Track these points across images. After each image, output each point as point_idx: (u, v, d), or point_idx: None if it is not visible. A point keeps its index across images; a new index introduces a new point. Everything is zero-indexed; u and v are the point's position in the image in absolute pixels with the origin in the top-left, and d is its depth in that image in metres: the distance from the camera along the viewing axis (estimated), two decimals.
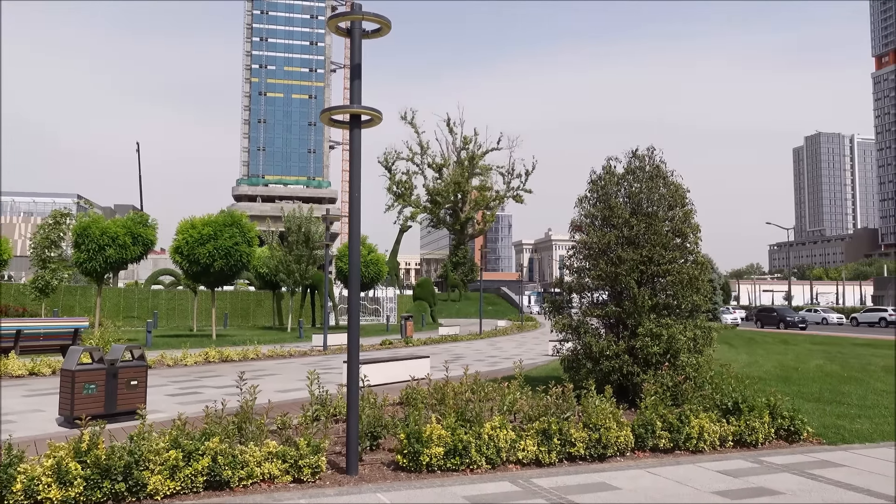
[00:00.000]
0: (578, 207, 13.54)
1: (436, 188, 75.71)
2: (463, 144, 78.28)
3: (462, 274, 76.34)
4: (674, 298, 12.35)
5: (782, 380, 16.42)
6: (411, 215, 76.33)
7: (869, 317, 58.60)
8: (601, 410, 8.61)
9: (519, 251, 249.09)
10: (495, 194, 78.50)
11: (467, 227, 78.91)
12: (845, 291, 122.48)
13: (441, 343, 29.07)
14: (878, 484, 7.36)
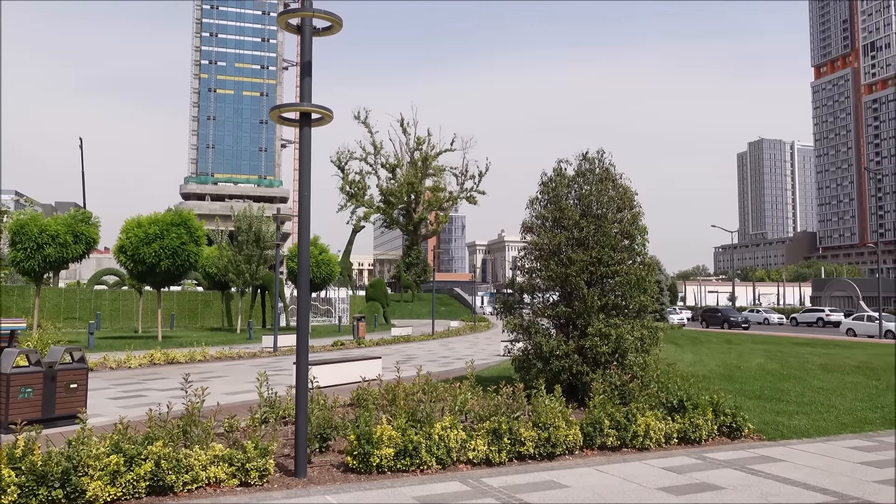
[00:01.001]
0: (530, 209, 13.68)
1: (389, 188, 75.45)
2: (416, 145, 78.23)
3: (415, 275, 76.26)
4: (622, 299, 12.59)
5: (725, 378, 16.89)
6: (364, 216, 75.89)
7: (807, 317, 60.79)
8: (551, 410, 8.70)
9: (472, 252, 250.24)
10: (449, 195, 78.65)
11: (421, 227, 78.88)
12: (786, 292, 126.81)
13: (394, 344, 28.98)
14: (814, 478, 7.63)
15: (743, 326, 50.40)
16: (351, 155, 76.37)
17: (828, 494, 7.00)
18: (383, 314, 46.69)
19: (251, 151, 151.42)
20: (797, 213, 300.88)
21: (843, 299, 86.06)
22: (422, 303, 69.23)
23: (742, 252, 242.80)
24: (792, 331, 49.77)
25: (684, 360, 21.91)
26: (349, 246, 68.26)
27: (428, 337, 32.89)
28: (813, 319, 59.50)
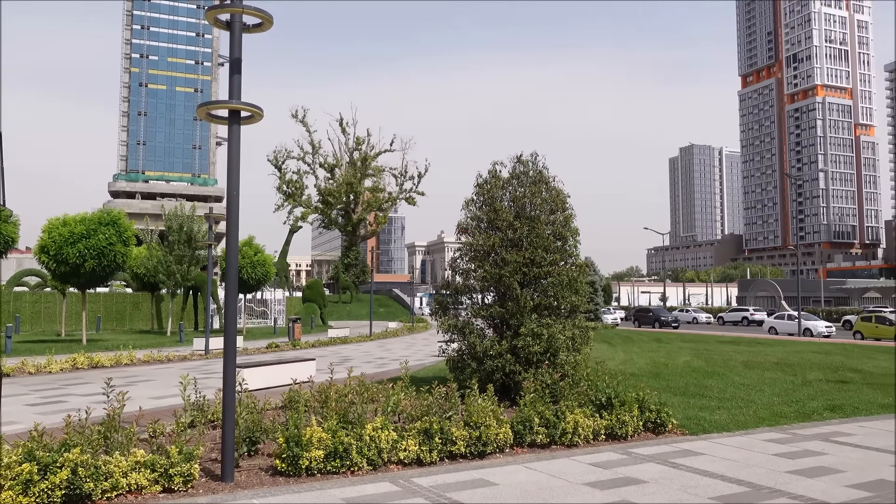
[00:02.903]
0: (465, 210, 13.80)
1: (327, 188, 74.61)
2: (356, 145, 77.65)
3: (354, 275, 75.66)
4: (554, 299, 12.82)
5: (653, 375, 17.43)
6: (302, 216, 74.81)
7: (733, 316, 63.26)
8: (482, 409, 8.80)
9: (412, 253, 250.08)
10: (388, 196, 78.36)
11: (359, 228, 78.34)
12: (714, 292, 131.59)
13: (330, 345, 28.69)
14: (732, 470, 7.96)
15: (673, 325, 52.04)
16: (288, 154, 75.19)
17: (743, 485, 7.31)
18: (320, 316, 46.15)
19: (184, 149, 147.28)
20: (725, 216, 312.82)
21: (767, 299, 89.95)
22: (360, 304, 68.76)
23: (673, 254, 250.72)
24: (718, 329, 51.69)
25: (616, 358, 22.49)
26: (286, 246, 67.18)
27: (365, 338, 32.70)
28: (738, 318, 61.94)
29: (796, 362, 21.74)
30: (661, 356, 23.75)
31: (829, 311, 68.08)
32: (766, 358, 23.26)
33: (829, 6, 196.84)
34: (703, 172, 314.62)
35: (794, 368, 19.79)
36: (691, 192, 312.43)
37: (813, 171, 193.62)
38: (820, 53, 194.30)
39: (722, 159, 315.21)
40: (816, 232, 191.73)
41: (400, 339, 34.24)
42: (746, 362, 21.60)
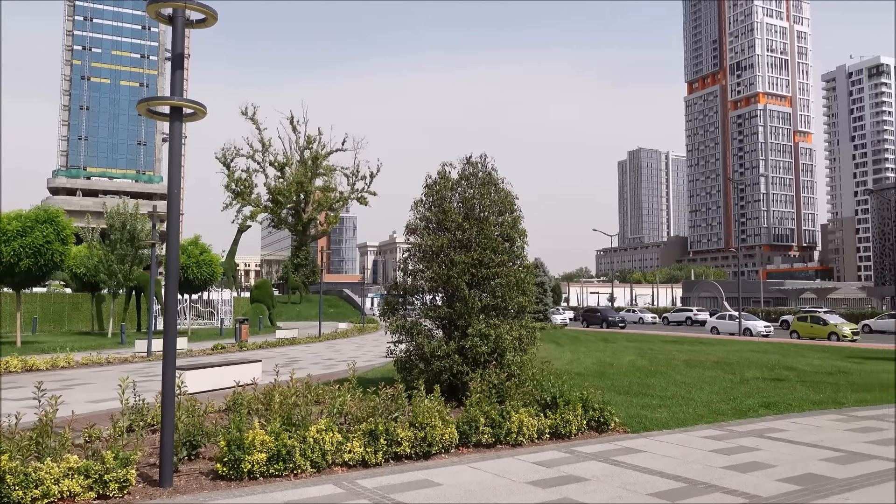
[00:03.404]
0: (414, 211, 13.81)
1: (277, 187, 73.52)
2: (307, 143, 76.72)
3: (304, 276, 74.77)
4: (502, 300, 12.94)
5: (599, 375, 17.74)
6: (251, 215, 73.51)
7: (677, 316, 64.91)
8: (429, 410, 8.82)
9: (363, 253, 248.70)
10: (339, 195, 77.65)
11: (310, 227, 77.43)
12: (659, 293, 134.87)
13: (278, 347, 28.31)
14: (670, 466, 8.18)
15: (620, 326, 53.08)
16: (237, 152, 73.77)
17: (680, 481, 7.52)
18: (269, 316, 45.47)
19: (129, 145, 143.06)
20: (671, 218, 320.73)
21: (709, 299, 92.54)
22: (310, 304, 68.01)
23: (621, 255, 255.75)
24: (663, 329, 52.95)
25: (563, 358, 22.82)
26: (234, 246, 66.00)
27: (314, 339, 32.37)
28: (682, 318, 63.57)
29: (735, 361, 22.43)
30: (607, 356, 24.19)
31: (769, 311, 70.48)
32: (707, 357, 23.93)
33: (770, 17, 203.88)
34: (651, 176, 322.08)
35: (733, 367, 20.41)
36: (639, 194, 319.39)
37: (754, 175, 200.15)
38: (762, 62, 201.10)
39: (668, 163, 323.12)
40: (757, 235, 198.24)
41: (350, 340, 34.01)
42: (688, 361, 22.18)
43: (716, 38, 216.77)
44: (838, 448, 9.29)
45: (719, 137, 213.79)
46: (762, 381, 17.04)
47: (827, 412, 12.44)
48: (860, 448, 9.31)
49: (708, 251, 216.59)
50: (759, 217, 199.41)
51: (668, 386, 15.72)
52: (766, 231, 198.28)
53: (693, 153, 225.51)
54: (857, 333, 39.45)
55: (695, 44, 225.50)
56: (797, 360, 23.07)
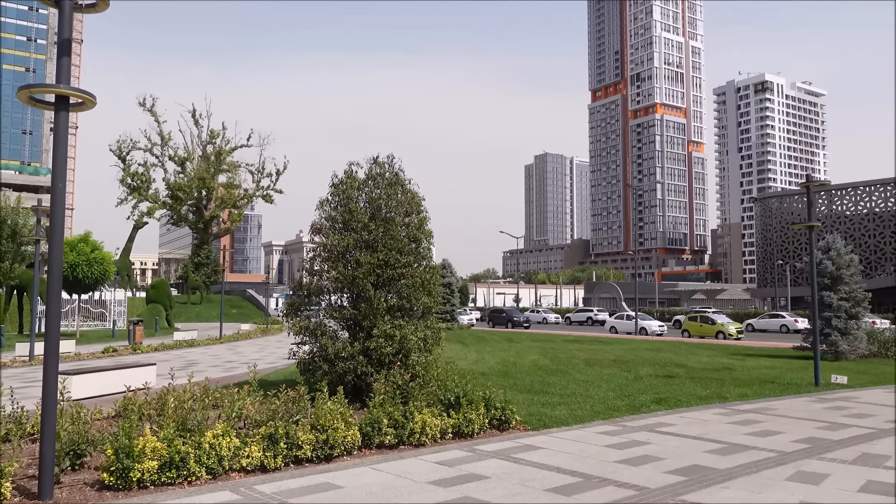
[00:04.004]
0: (320, 210, 13.62)
1: (177, 183, 70.54)
2: (210, 138, 74.06)
3: (205, 275, 72.07)
4: (408, 301, 12.95)
5: (502, 374, 18.09)
6: (148, 211, 70.18)
7: (579, 316, 67.13)
8: (331, 412, 8.71)
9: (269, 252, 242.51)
10: (243, 193, 75.43)
11: (212, 225, 74.76)
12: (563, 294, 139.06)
13: (175, 349, 27.16)
14: (567, 462, 8.44)
15: (524, 326, 54.31)
16: (134, 144, 70.26)
17: (576, 476, 7.78)
18: (166, 317, 43.55)
19: (12, 133, 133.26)
20: (575, 222, 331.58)
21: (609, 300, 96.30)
22: (211, 305, 65.66)
23: (527, 257, 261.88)
24: (565, 329, 54.62)
25: (468, 358, 23.11)
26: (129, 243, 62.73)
27: (215, 341, 31.29)
28: (583, 318, 65.78)
29: (631, 359, 23.44)
30: (511, 355, 24.70)
31: (663, 311, 74.05)
32: (606, 356, 24.89)
33: (668, 32, 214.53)
34: (556, 180, 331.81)
35: (629, 365, 21.33)
36: (544, 198, 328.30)
37: (652, 182, 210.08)
38: (659, 74, 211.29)
39: (573, 168, 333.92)
40: (654, 238, 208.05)
41: (252, 341, 33.09)
42: (588, 360, 22.99)
43: (618, 49, 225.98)
44: (721, 440, 9.88)
45: (620, 145, 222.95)
46: (655, 378, 17.88)
47: (712, 406, 13.20)
48: (740, 440, 9.94)
49: (608, 253, 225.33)
50: (655, 222, 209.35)
51: (568, 384, 16.22)
52: (661, 235, 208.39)
53: (596, 159, 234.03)
54: (742, 332, 42.11)
55: (598, 54, 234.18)
56: (687, 358, 24.37)
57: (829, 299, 23.96)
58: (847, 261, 24.59)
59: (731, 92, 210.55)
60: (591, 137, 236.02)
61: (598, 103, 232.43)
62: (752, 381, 17.44)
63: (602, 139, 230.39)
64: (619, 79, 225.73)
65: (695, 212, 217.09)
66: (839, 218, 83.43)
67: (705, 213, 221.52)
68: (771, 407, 13.26)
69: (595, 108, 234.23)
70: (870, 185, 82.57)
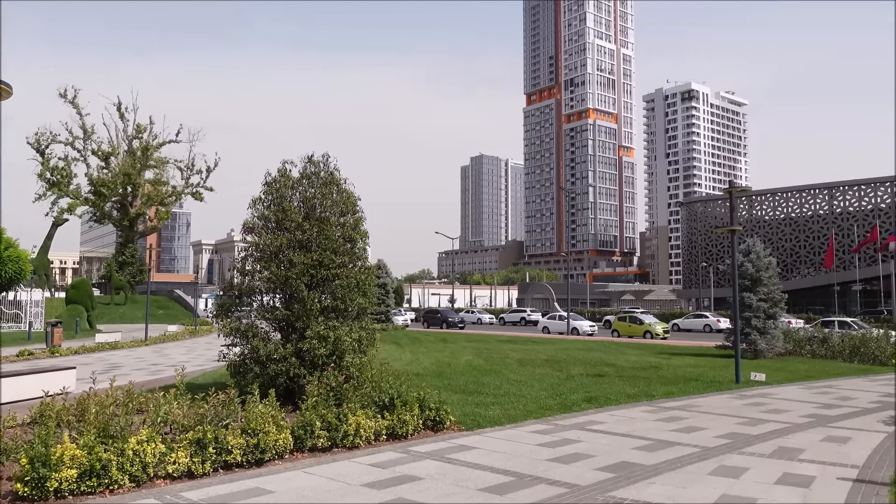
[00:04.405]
0: (252, 209, 13.33)
1: (101, 178, 67.59)
2: (136, 133, 71.30)
3: (129, 275, 69.33)
4: (342, 301, 12.81)
5: (437, 375, 18.13)
6: (69, 207, 66.96)
7: (513, 317, 67.94)
8: (263, 415, 8.53)
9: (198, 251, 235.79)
10: (172, 190, 72.99)
11: (137, 223, 72.00)
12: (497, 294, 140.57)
13: (97, 352, 26.04)
14: (500, 461, 8.53)
15: (459, 326, 54.59)
16: (54, 137, 66.99)
17: (509, 475, 7.87)
18: (87, 319, 41.69)
19: None
20: (509, 223, 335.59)
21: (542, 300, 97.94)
22: (136, 306, 63.28)
23: (462, 257, 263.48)
24: (499, 329, 55.21)
25: (403, 359, 23.07)
26: (48, 241, 59.79)
27: (140, 343, 30.19)
28: (517, 319, 66.62)
29: (563, 359, 23.90)
30: (446, 356, 24.79)
31: (594, 311, 75.78)
32: (538, 355, 25.28)
33: (601, 38, 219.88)
34: (491, 181, 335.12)
35: (561, 364, 21.73)
36: (480, 199, 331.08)
37: (584, 185, 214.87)
38: (592, 80, 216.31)
39: (508, 170, 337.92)
40: (585, 240, 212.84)
41: (180, 343, 32.08)
42: (521, 360, 23.30)
43: (552, 54, 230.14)
44: (648, 437, 10.18)
45: (554, 148, 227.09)
46: (586, 377, 18.28)
47: (640, 404, 13.60)
48: (666, 436, 10.27)
49: (542, 255, 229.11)
50: (587, 224, 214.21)
51: (502, 384, 16.39)
52: (593, 237, 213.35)
53: (530, 162, 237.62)
54: (668, 332, 43.56)
55: (533, 59, 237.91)
56: (617, 357, 25.02)
57: (749, 300, 25.05)
58: (766, 263, 25.77)
59: (659, 99, 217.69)
60: (525, 140, 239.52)
61: (533, 107, 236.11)
62: (677, 379, 18.05)
63: (536, 142, 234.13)
64: (553, 83, 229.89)
65: (625, 215, 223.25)
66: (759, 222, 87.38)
67: (635, 217, 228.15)
68: (695, 404, 13.76)
69: (530, 111, 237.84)
70: (787, 192, 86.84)
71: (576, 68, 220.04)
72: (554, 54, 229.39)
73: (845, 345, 25.34)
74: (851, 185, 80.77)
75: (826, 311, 66.97)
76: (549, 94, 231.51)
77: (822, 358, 25.21)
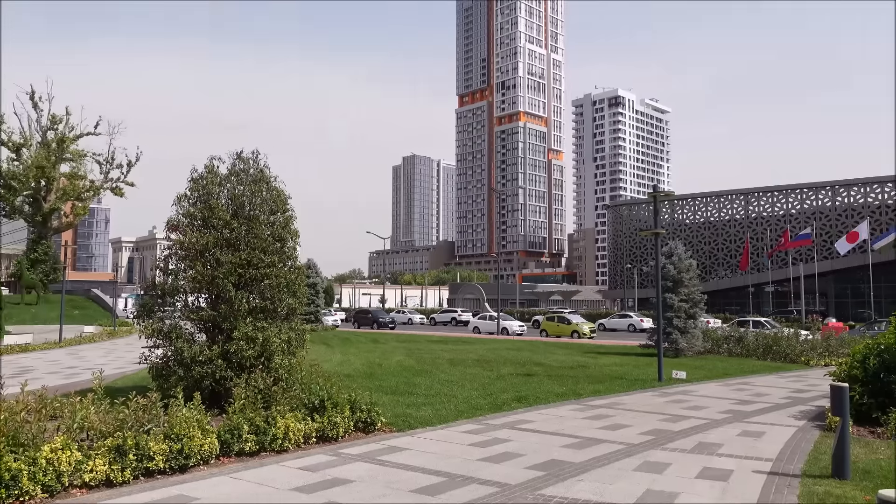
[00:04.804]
0: (177, 206, 12.88)
1: (11, 171, 63.89)
2: (51, 124, 67.82)
3: (42, 273, 65.88)
4: (271, 302, 12.55)
5: (368, 376, 18.00)
6: None
7: (443, 317, 68.23)
8: (187, 419, 8.26)
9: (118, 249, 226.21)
10: (90, 184, 69.75)
11: (52, 219, 68.41)
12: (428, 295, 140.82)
13: (6, 354, 24.58)
14: (432, 462, 8.53)
15: (390, 326, 54.40)
16: None
17: (441, 475, 7.88)
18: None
19: None
20: (441, 223, 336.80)
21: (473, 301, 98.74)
22: (50, 306, 60.16)
23: (394, 257, 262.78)
24: (430, 330, 55.32)
25: (333, 360, 22.80)
26: None
27: (53, 345, 28.72)
28: (448, 319, 66.94)
29: (493, 359, 24.15)
30: (377, 356, 24.65)
31: (523, 311, 76.95)
32: (469, 355, 25.47)
33: (532, 43, 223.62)
34: (423, 182, 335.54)
35: (492, 364, 21.96)
36: (412, 199, 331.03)
37: (514, 187, 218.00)
38: (523, 84, 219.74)
39: (440, 170, 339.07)
40: (515, 242, 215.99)
41: (98, 345, 30.71)
42: (452, 360, 23.41)
43: (484, 57, 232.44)
44: (576, 435, 10.40)
45: (485, 150, 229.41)
46: (516, 376, 18.53)
47: (568, 403, 13.88)
48: (594, 434, 10.52)
49: (473, 255, 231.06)
50: (517, 225, 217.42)
51: (433, 384, 16.42)
52: (522, 238, 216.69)
53: (462, 163, 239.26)
54: (595, 331, 44.69)
55: (466, 61, 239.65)
56: (545, 357, 25.48)
57: (671, 301, 25.98)
58: (687, 266, 26.80)
59: (588, 105, 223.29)
60: (457, 141, 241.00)
61: (466, 108, 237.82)
62: (603, 377, 18.53)
63: (468, 143, 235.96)
64: (485, 85, 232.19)
65: (554, 217, 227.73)
66: (680, 226, 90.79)
67: (563, 219, 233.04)
68: (621, 402, 14.15)
69: (462, 112, 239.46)
70: (706, 197, 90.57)
71: (507, 71, 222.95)
72: (486, 57, 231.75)
73: (759, 343, 26.64)
74: (765, 191, 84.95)
75: (741, 311, 70.24)
76: (482, 95, 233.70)
77: (738, 356, 26.41)
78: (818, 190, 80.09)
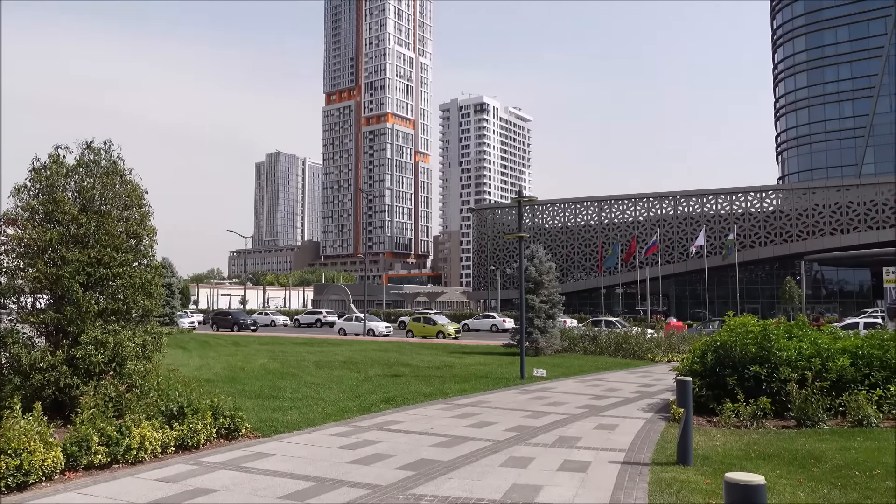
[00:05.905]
0: (15, 198, 11.71)
1: None
2: None
3: None
4: (125, 303, 11.73)
5: (230, 380, 17.29)
6: None
7: (308, 318, 66.88)
8: (26, 432, 7.53)
9: None
10: None
11: None
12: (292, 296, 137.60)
13: None
14: (300, 467, 8.34)
15: (252, 328, 52.58)
16: None
17: (310, 480, 7.73)
18: None
19: None
20: (305, 223, 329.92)
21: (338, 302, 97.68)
22: None
23: (256, 257, 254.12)
24: (295, 331, 54.06)
25: (191, 364, 21.69)
26: None
27: None
28: (313, 321, 65.69)
29: (360, 360, 24.02)
30: (239, 360, 23.74)
31: (389, 312, 77.21)
32: (336, 357, 25.16)
33: (400, 46, 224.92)
34: (287, 180, 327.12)
35: (359, 366, 21.83)
36: (275, 197, 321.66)
37: (382, 188, 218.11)
38: (392, 86, 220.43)
39: (305, 169, 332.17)
40: (382, 243, 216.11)
41: None
42: (318, 362, 23.02)
43: (353, 56, 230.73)
44: (445, 434, 10.58)
45: (353, 150, 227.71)
46: (383, 377, 18.55)
47: (436, 402, 14.09)
48: (461, 432, 10.75)
49: (339, 256, 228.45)
50: (384, 226, 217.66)
51: (299, 387, 16.07)
52: (389, 239, 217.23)
53: (328, 162, 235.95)
54: (459, 332, 45.66)
55: (334, 59, 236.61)
56: (412, 357, 25.70)
57: (532, 301, 27.10)
58: (547, 268, 28.07)
59: (454, 109, 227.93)
60: (324, 140, 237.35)
61: (333, 107, 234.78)
62: (469, 377, 18.98)
63: (335, 143, 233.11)
64: (353, 85, 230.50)
65: (420, 218, 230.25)
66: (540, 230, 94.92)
67: (429, 220, 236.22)
68: (486, 400, 14.57)
69: (329, 111, 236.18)
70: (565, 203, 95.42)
71: (376, 72, 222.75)
72: (355, 56, 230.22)
73: (611, 342, 28.45)
74: (616, 199, 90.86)
75: (595, 311, 74.66)
76: (350, 95, 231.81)
77: (593, 354, 28.04)
78: (662, 199, 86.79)
